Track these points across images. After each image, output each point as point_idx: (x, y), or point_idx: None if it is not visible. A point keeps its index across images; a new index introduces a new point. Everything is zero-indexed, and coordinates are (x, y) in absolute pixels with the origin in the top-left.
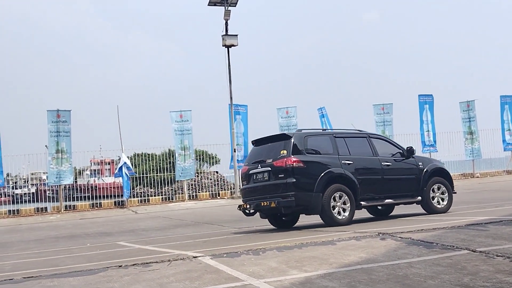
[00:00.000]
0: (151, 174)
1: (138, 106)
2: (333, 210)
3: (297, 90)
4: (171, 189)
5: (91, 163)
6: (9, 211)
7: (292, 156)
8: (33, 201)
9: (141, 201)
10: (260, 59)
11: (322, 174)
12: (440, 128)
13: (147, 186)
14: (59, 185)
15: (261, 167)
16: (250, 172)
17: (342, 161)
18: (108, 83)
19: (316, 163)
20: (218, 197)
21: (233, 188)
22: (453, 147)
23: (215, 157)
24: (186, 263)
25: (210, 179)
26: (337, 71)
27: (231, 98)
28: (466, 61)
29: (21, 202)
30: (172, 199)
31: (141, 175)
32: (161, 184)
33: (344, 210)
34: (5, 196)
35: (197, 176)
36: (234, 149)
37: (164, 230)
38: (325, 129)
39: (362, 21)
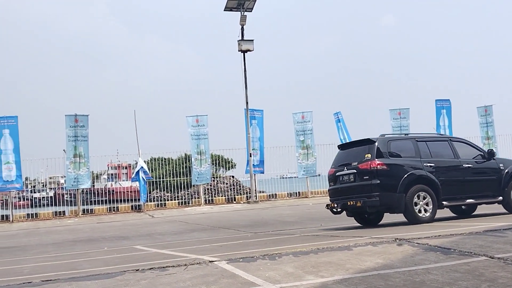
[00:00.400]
0: (168, 179)
1: (154, 111)
2: (416, 209)
3: (313, 95)
4: (187, 194)
5: (108, 167)
6: (28, 214)
7: (376, 159)
8: (51, 205)
9: (157, 205)
10: (276, 63)
11: (405, 176)
12: (457, 133)
13: (164, 190)
14: (77, 189)
15: (347, 170)
16: (337, 174)
17: (424, 164)
18: (125, 87)
19: (399, 166)
20: (234, 202)
21: (249, 193)
22: None
23: (231, 162)
24: (202, 268)
25: (226, 184)
26: (353, 76)
27: (247, 103)
28: (484, 65)
29: (40, 205)
30: (188, 203)
31: (157, 179)
32: (177, 189)
33: (426, 209)
34: (24, 200)
35: (213, 180)
36: (250, 153)
37: (180, 234)
38: (407, 134)
39: (379, 25)
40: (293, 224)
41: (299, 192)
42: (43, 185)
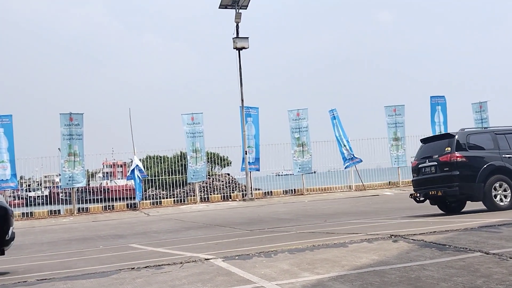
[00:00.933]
0: (163, 177)
1: (150, 109)
2: (495, 197)
3: (308, 92)
4: (183, 192)
5: (103, 166)
6: (23, 213)
7: (456, 152)
8: (46, 204)
9: (153, 204)
10: (272, 61)
11: (484, 167)
12: (452, 129)
13: (159, 188)
14: (72, 188)
15: (429, 162)
16: (419, 166)
17: (503, 155)
18: (120, 85)
19: (478, 157)
20: (230, 199)
21: (245, 190)
22: None
23: (227, 159)
24: (198, 266)
25: (222, 182)
26: (348, 73)
27: (242, 100)
28: (479, 62)
29: (35, 204)
30: (184, 201)
31: (153, 178)
32: (173, 187)
33: (504, 198)
34: (19, 199)
35: (209, 178)
36: (246, 151)
37: (176, 232)
38: (486, 128)
39: (375, 21)
40: (289, 221)
41: (294, 189)
42: (38, 184)
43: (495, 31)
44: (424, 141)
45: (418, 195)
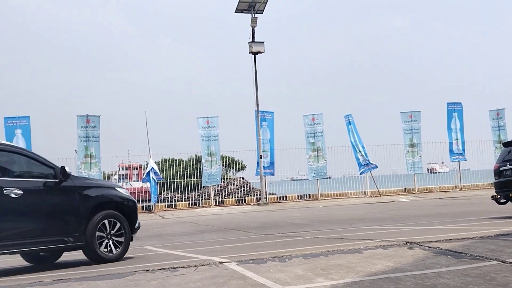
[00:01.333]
0: (178, 180)
1: (166, 112)
2: None
3: (323, 97)
4: (197, 195)
5: (119, 168)
6: None
7: None
8: None
9: (168, 206)
10: (287, 65)
11: None
12: (469, 137)
13: (174, 191)
14: None
15: (509, 165)
16: (501, 169)
17: None
18: (136, 88)
19: None
20: (244, 204)
21: (259, 195)
22: (482, 156)
23: (241, 164)
24: (212, 269)
25: (236, 185)
26: (364, 78)
27: (257, 104)
28: (496, 68)
29: None
30: (199, 204)
31: (168, 180)
32: (187, 190)
33: None
34: None
35: (223, 182)
36: (261, 155)
37: (190, 235)
38: None
39: (390, 27)
40: (303, 226)
41: (309, 195)
42: None
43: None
44: (505, 144)
45: (499, 196)
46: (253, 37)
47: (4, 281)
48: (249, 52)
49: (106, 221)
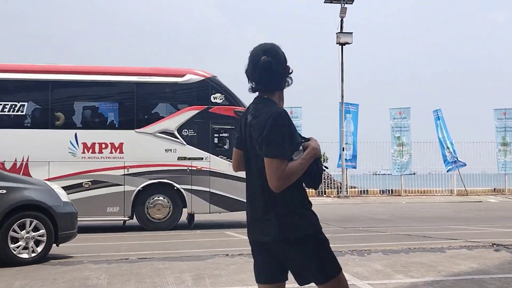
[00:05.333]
0: None
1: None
2: None
3: (411, 91)
4: None
5: None
6: None
7: None
8: None
9: None
10: (375, 57)
11: None
12: None
13: None
14: None
15: None
16: None
17: None
18: (224, 79)
19: None
20: (324, 195)
21: (340, 187)
22: None
23: (323, 155)
24: None
25: None
26: (456, 73)
27: (342, 96)
28: None
29: None
30: None
31: None
32: None
33: None
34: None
35: None
36: (343, 148)
37: None
38: None
39: (488, 20)
40: (384, 222)
41: (392, 190)
42: None
43: None
44: None
45: None
46: (341, 28)
47: (93, 256)
48: (337, 43)
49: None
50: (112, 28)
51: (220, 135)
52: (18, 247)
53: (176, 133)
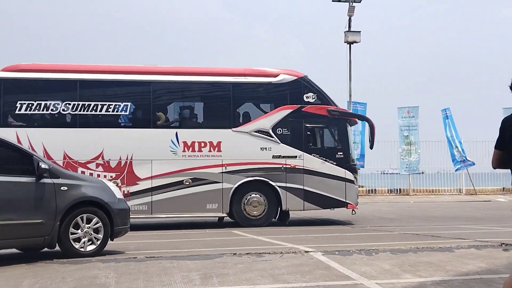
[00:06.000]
0: None
1: None
2: None
3: (420, 90)
4: None
5: None
6: None
7: None
8: None
9: None
10: (382, 56)
11: None
12: None
13: None
14: None
15: None
16: None
17: None
18: None
19: None
20: None
21: None
22: None
23: None
24: (297, 257)
25: None
26: (464, 72)
27: (350, 95)
28: None
29: None
30: None
31: None
32: None
33: None
34: None
35: None
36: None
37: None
38: None
39: (499, 17)
40: (392, 221)
41: (400, 189)
42: None
43: None
44: None
45: None
46: (349, 27)
47: (101, 255)
48: (345, 42)
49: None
50: (111, 28)
51: (313, 133)
52: (78, 241)
53: (271, 132)
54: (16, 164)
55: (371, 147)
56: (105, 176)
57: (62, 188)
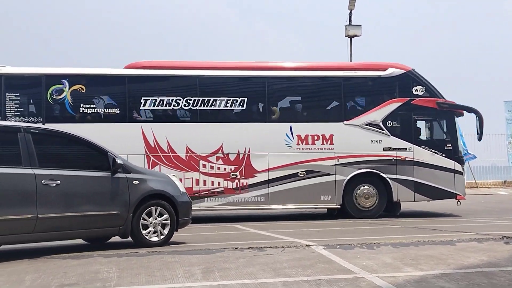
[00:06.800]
0: None
1: None
2: None
3: None
4: None
5: None
6: None
7: None
8: None
9: None
10: (385, 49)
11: None
12: None
13: None
14: None
15: None
16: None
17: None
18: None
19: None
20: None
21: None
22: None
23: None
24: (299, 251)
25: None
26: (466, 64)
27: None
28: None
29: None
30: None
31: None
32: None
33: None
34: None
35: None
36: None
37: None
38: None
39: (500, 11)
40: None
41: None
42: None
43: None
44: None
45: None
46: (350, 20)
47: (103, 250)
48: (345, 36)
49: None
50: (111, 28)
51: (422, 126)
52: (148, 232)
53: (381, 124)
54: (94, 160)
55: (480, 139)
56: (225, 169)
57: (134, 182)
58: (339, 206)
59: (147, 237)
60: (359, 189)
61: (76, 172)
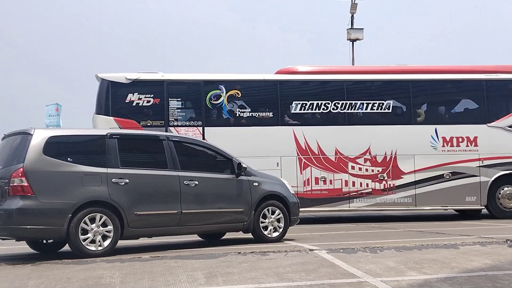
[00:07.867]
0: None
1: None
2: None
3: None
4: None
5: None
6: None
7: None
8: None
9: None
10: (385, 52)
11: None
12: None
13: None
14: None
15: None
16: None
17: None
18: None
19: None
20: None
21: None
22: None
23: None
24: (302, 255)
25: None
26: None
27: None
28: None
29: None
30: None
31: None
32: None
33: None
34: None
35: None
36: None
37: None
38: None
39: (499, 15)
40: (396, 218)
41: None
42: None
43: None
44: None
45: None
46: (352, 24)
47: (106, 257)
48: (347, 39)
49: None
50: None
51: None
52: (265, 229)
53: None
54: (221, 164)
55: None
56: (372, 171)
57: (254, 183)
58: (483, 207)
59: (265, 233)
60: (503, 189)
61: (209, 174)
